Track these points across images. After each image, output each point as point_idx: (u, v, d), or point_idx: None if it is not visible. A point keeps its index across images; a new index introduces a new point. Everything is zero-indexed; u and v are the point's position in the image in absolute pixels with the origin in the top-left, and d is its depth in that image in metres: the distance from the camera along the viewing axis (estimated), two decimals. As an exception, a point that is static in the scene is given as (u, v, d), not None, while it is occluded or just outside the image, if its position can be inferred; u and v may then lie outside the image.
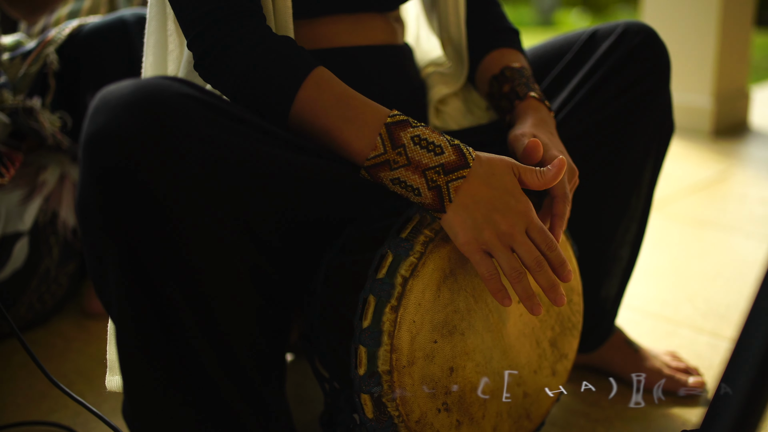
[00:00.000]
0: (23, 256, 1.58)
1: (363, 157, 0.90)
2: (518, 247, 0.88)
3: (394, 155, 0.89)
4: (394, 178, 0.90)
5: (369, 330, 0.89)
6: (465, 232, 0.88)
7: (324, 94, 0.92)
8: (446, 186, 0.88)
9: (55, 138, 1.58)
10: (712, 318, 1.65)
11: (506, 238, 0.88)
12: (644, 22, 1.19)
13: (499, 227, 0.88)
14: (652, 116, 1.20)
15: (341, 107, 0.91)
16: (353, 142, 0.91)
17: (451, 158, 0.89)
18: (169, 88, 0.77)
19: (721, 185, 2.66)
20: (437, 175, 0.89)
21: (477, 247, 0.88)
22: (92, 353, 1.54)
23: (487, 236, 0.88)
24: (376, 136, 0.90)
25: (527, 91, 1.08)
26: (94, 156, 0.74)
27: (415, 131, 0.90)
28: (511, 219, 0.89)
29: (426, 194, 0.89)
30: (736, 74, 3.52)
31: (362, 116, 0.91)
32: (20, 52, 1.68)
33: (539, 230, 0.90)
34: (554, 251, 0.90)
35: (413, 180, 0.89)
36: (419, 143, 0.90)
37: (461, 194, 0.88)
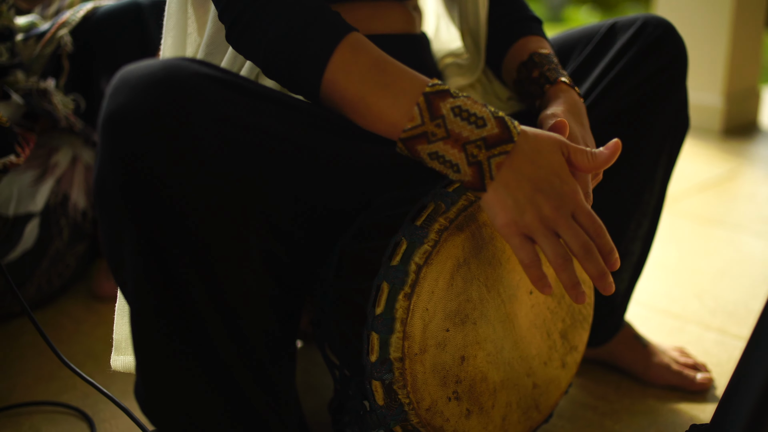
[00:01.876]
0: (34, 237, 1.59)
1: (399, 128, 0.86)
2: (564, 232, 0.83)
3: (432, 127, 0.85)
4: (432, 152, 0.85)
5: (382, 317, 0.90)
6: (505, 213, 0.83)
7: (360, 57, 0.88)
8: (488, 162, 0.84)
9: (68, 120, 1.59)
10: (720, 315, 1.65)
11: (550, 222, 0.83)
12: (663, 17, 1.19)
13: (542, 210, 0.83)
14: (668, 111, 1.20)
15: (378, 72, 0.87)
16: (389, 110, 0.86)
17: (494, 131, 0.84)
18: (189, 68, 0.77)
19: (730, 184, 2.66)
20: (478, 150, 0.84)
21: (517, 231, 0.83)
22: (101, 335, 1.55)
23: (528, 219, 0.83)
24: (413, 105, 0.85)
25: (557, 76, 1.07)
26: (113, 135, 0.74)
27: (456, 101, 0.85)
28: (557, 201, 0.84)
29: (465, 170, 0.84)
30: (748, 74, 3.51)
31: (399, 83, 0.87)
32: (34, 34, 1.68)
33: (587, 215, 0.85)
34: (603, 237, 0.85)
35: (452, 154, 0.84)
36: (459, 114, 0.84)
37: (504, 172, 0.84)
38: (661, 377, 1.35)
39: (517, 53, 1.15)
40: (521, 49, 1.14)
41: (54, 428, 1.25)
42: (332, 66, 0.87)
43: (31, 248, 1.59)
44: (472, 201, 0.92)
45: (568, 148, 0.88)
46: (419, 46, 1.18)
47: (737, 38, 3.34)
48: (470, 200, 0.92)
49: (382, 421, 0.93)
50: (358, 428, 1.00)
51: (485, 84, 1.23)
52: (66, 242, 1.66)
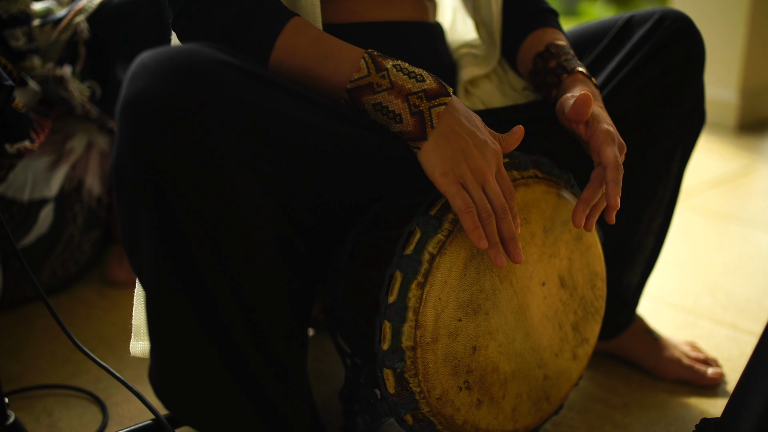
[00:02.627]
0: (48, 222, 1.60)
1: (345, 78, 0.90)
2: (488, 189, 0.88)
3: (377, 78, 0.89)
4: (376, 103, 0.89)
5: (394, 305, 0.90)
6: (443, 163, 0.87)
7: (301, 38, 0.92)
8: (428, 111, 0.88)
9: (83, 107, 1.59)
10: (732, 310, 1.64)
11: (479, 176, 0.88)
12: (680, 11, 1.19)
13: (475, 162, 0.88)
14: (684, 105, 1.20)
15: (318, 47, 0.91)
16: (332, 75, 0.91)
17: (432, 86, 0.89)
18: (208, 54, 0.77)
19: (743, 180, 2.65)
20: (420, 101, 0.89)
21: (454, 179, 0.87)
22: (114, 321, 1.56)
23: (463, 169, 0.87)
24: (360, 59, 0.90)
25: (575, 66, 1.07)
26: (132, 120, 0.75)
27: (395, 61, 0.91)
28: (487, 157, 0.89)
29: (408, 120, 0.89)
30: (763, 70, 3.49)
31: (340, 53, 0.91)
32: (50, 20, 1.68)
33: (504, 177, 0.91)
34: (513, 201, 0.90)
35: (396, 105, 0.89)
36: (401, 70, 0.90)
37: (442, 123, 0.88)
38: (672, 371, 1.35)
39: (533, 44, 1.15)
40: (537, 41, 1.14)
41: (66, 411, 1.26)
42: (277, 50, 0.91)
43: (45, 233, 1.60)
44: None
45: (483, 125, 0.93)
46: (431, 34, 1.17)
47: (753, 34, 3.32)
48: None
49: (393, 409, 0.94)
50: (368, 416, 1.01)
51: (500, 75, 1.23)
52: (80, 228, 1.66)
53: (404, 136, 0.89)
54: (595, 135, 0.98)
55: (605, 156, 0.96)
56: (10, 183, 1.53)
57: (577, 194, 1.07)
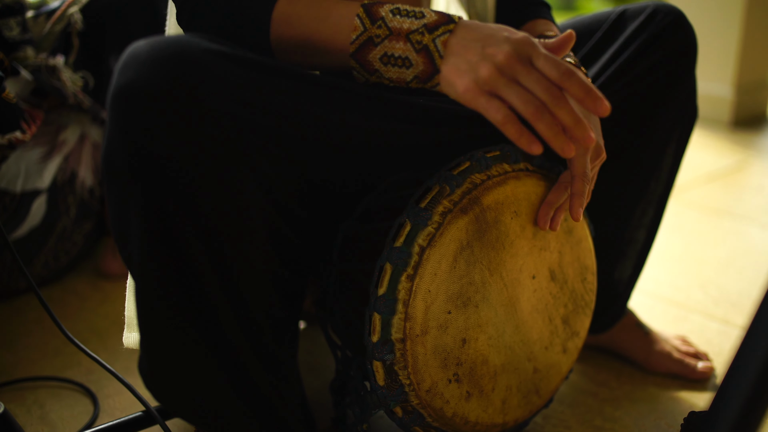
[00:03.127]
0: (41, 214, 1.60)
1: (346, 43, 0.87)
2: (525, 79, 0.78)
3: (374, 29, 0.85)
4: (382, 55, 0.86)
5: (384, 298, 0.90)
6: (461, 78, 0.81)
7: (296, 5, 0.89)
8: (433, 43, 0.83)
9: (76, 97, 1.59)
10: (724, 305, 1.65)
11: (508, 70, 0.79)
12: (673, 5, 1.19)
13: (496, 59, 0.79)
14: (676, 99, 1.20)
15: (313, 10, 0.89)
16: (333, 37, 0.87)
17: (432, 18, 0.84)
18: (199, 44, 0.77)
19: (738, 175, 2.65)
20: (421, 36, 0.84)
21: (479, 90, 0.80)
22: (106, 313, 1.56)
23: (484, 73, 0.79)
24: (354, 18, 0.86)
25: (565, 58, 1.07)
26: (122, 109, 0.75)
27: (393, 5, 0.86)
28: (509, 48, 0.79)
29: (416, 59, 0.84)
30: (758, 65, 3.49)
31: (336, 12, 0.88)
32: (44, 11, 1.68)
33: (546, 58, 0.79)
34: (573, 77, 0.77)
35: (399, 49, 0.84)
36: (398, 13, 0.85)
37: (450, 46, 0.82)
38: (663, 365, 1.36)
39: None
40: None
41: (58, 403, 1.26)
42: (274, 23, 0.89)
43: (38, 225, 1.59)
44: (477, 184, 0.93)
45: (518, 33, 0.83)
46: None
47: (749, 29, 3.32)
48: (475, 183, 0.93)
49: (383, 401, 0.94)
50: (359, 408, 1.01)
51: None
52: (73, 220, 1.66)
53: (420, 79, 0.85)
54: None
55: (573, 166, 0.93)
56: (3, 174, 1.53)
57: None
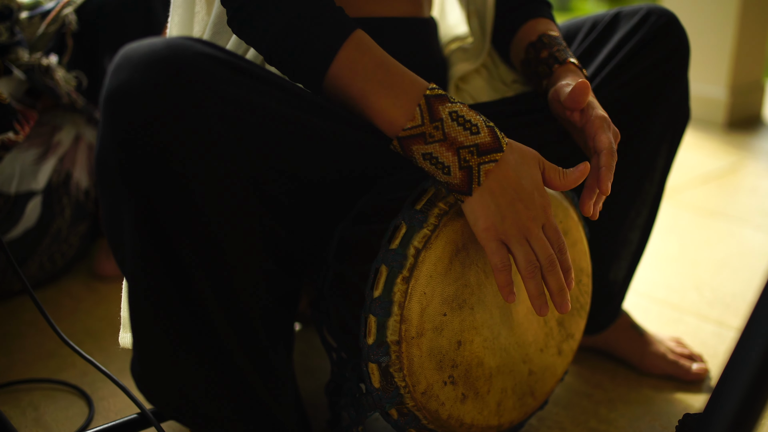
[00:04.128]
0: (36, 215, 1.59)
1: (398, 126, 0.88)
2: (535, 242, 0.87)
3: (431, 128, 0.87)
4: (427, 153, 0.88)
5: (380, 300, 0.90)
6: (487, 218, 0.86)
7: (365, 56, 0.89)
8: (477, 168, 0.87)
9: (70, 97, 1.59)
10: (718, 307, 1.65)
11: (525, 231, 0.87)
12: (667, 8, 1.19)
13: (520, 218, 0.87)
14: (669, 101, 1.20)
15: (381, 72, 0.89)
16: (389, 109, 0.88)
17: (486, 139, 0.87)
18: (192, 47, 0.77)
19: (732, 177, 2.66)
20: (470, 155, 0.87)
21: (495, 236, 0.87)
22: (101, 314, 1.55)
23: (508, 225, 0.86)
24: (415, 106, 0.88)
25: (566, 57, 1.07)
26: (114, 111, 0.74)
27: (453, 107, 0.88)
28: (534, 212, 0.87)
29: (456, 174, 0.87)
30: (753, 67, 3.50)
31: (401, 84, 0.89)
32: (39, 12, 1.68)
33: (555, 230, 0.89)
34: (565, 254, 0.90)
35: (446, 157, 0.87)
36: (456, 119, 0.88)
37: (491, 178, 0.87)
38: (657, 366, 1.36)
39: (526, 34, 1.15)
40: (530, 30, 1.14)
41: (52, 405, 1.26)
42: (337, 63, 0.89)
43: (32, 226, 1.59)
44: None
45: (543, 164, 0.91)
46: (426, 30, 1.17)
47: (743, 31, 3.33)
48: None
49: (378, 403, 0.94)
50: (354, 410, 1.01)
51: (490, 68, 1.23)
52: (68, 221, 1.66)
53: (449, 187, 0.88)
54: (591, 121, 0.97)
55: (600, 141, 0.96)
56: (-3, 176, 1.53)
57: (565, 190, 1.07)
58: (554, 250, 0.89)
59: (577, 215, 1.08)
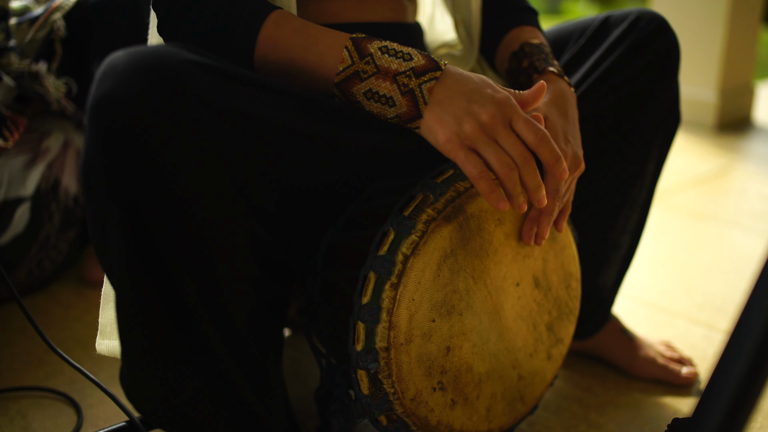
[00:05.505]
0: (24, 222, 1.59)
1: (331, 73, 0.89)
2: (503, 141, 0.85)
3: (362, 65, 0.88)
4: (366, 91, 0.88)
5: (368, 306, 0.90)
6: (444, 129, 0.85)
7: (283, 30, 0.91)
8: (419, 88, 0.86)
9: (59, 103, 1.58)
10: (708, 310, 1.65)
11: (489, 130, 0.84)
12: (657, 12, 1.19)
13: (479, 117, 0.84)
14: (659, 105, 1.20)
15: (301, 37, 0.90)
16: (318, 65, 0.90)
17: (420, 62, 0.87)
18: (177, 54, 0.77)
19: (722, 179, 2.66)
20: (408, 79, 0.86)
21: (459, 144, 0.85)
22: (90, 321, 1.55)
23: (468, 129, 0.84)
24: (342, 50, 0.89)
25: (546, 66, 1.07)
26: (100, 120, 0.74)
27: (381, 43, 0.89)
28: (493, 108, 0.85)
29: (400, 101, 0.87)
30: (742, 69, 3.51)
31: (323, 41, 0.90)
32: (28, 18, 1.67)
33: (525, 121, 0.85)
34: (547, 144, 0.86)
35: (385, 88, 0.87)
36: (387, 52, 0.88)
37: (436, 93, 0.86)
38: (647, 371, 1.36)
39: (509, 43, 1.15)
40: (513, 39, 1.14)
41: (41, 413, 1.25)
42: (260, 44, 0.91)
43: (21, 233, 1.59)
44: (461, 192, 0.93)
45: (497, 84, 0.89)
46: (410, 35, 1.17)
47: (733, 34, 3.34)
48: (459, 191, 0.93)
49: (367, 410, 0.94)
50: (343, 417, 1.01)
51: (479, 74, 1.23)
52: (57, 227, 1.65)
53: (401, 119, 0.87)
54: None
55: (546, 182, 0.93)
56: (-15, 182, 1.52)
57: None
58: (532, 143, 0.85)
59: (565, 220, 1.08)
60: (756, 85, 3.78)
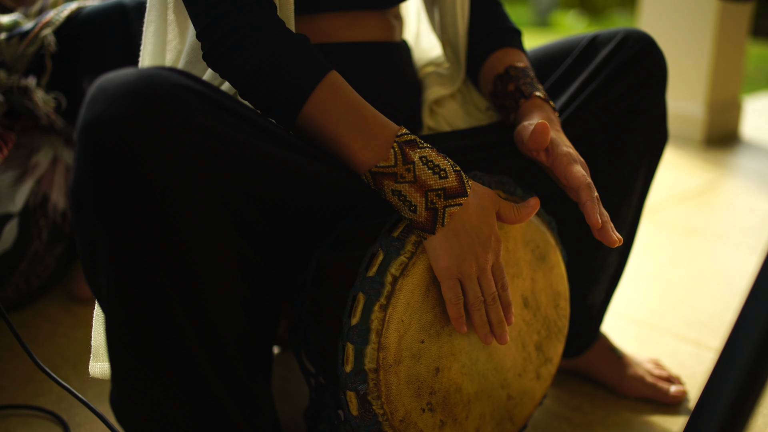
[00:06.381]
0: (12, 238, 1.58)
1: (369, 165, 0.92)
2: (483, 281, 0.93)
3: (403, 170, 0.91)
4: (396, 190, 0.91)
5: (357, 327, 0.90)
6: (449, 258, 0.90)
7: (338, 98, 0.92)
8: (443, 210, 0.90)
9: (48, 118, 1.58)
10: (696, 327, 1.66)
11: (479, 272, 0.93)
12: (644, 31, 1.20)
13: (478, 260, 0.92)
14: (646, 124, 1.21)
15: (353, 115, 0.92)
16: (361, 151, 0.92)
17: (453, 184, 0.91)
18: (168, 78, 0.77)
19: (710, 194, 2.68)
20: (437, 198, 0.90)
21: (454, 274, 0.91)
22: (79, 338, 1.54)
23: (466, 267, 0.91)
24: (389, 149, 0.91)
25: (532, 90, 1.08)
26: (90, 142, 0.74)
27: (422, 152, 0.92)
28: (489, 255, 0.93)
29: (422, 213, 0.90)
30: (730, 84, 3.54)
31: (372, 127, 0.92)
32: (17, 32, 1.67)
33: (500, 269, 0.95)
34: (506, 291, 0.96)
35: (414, 197, 0.91)
36: (426, 164, 0.92)
37: (454, 220, 0.91)
38: (635, 389, 1.37)
39: (493, 65, 1.15)
40: (498, 62, 1.15)
41: None
42: (311, 104, 0.92)
43: (9, 249, 1.58)
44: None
45: (499, 203, 0.96)
46: (398, 54, 1.18)
47: (720, 48, 3.37)
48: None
49: (357, 431, 0.93)
50: (332, 437, 1.01)
51: (465, 94, 1.24)
52: (45, 243, 1.65)
53: (414, 223, 0.91)
54: (558, 159, 0.99)
55: (573, 177, 0.97)
56: (-26, 198, 1.52)
57: (541, 214, 1.08)
58: (498, 288, 0.95)
59: (554, 239, 1.08)
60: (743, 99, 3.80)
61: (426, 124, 1.22)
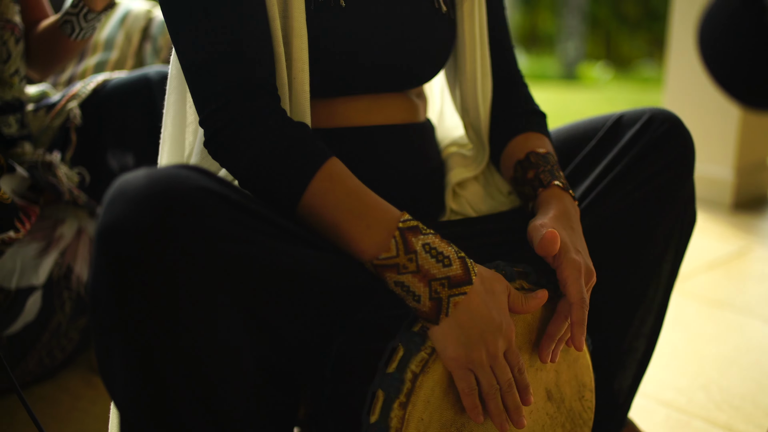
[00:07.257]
0: (35, 310, 1.58)
1: (371, 255, 0.90)
2: (497, 368, 0.91)
3: (405, 260, 0.89)
4: (399, 281, 0.90)
5: (376, 426, 0.88)
6: (456, 348, 0.88)
7: (337, 186, 0.92)
8: (447, 300, 0.89)
9: (72, 194, 1.59)
10: (726, 409, 1.62)
11: (492, 360, 0.90)
12: (670, 111, 1.18)
13: (489, 349, 0.90)
14: (674, 206, 1.18)
15: (353, 202, 0.91)
16: (362, 238, 0.90)
17: (457, 272, 0.90)
18: (186, 181, 0.77)
19: (740, 262, 2.63)
20: (441, 287, 0.89)
21: (464, 364, 0.89)
22: (98, 414, 1.53)
23: (476, 356, 0.89)
24: (390, 238, 0.90)
25: (551, 179, 1.07)
26: (108, 247, 0.74)
27: (425, 239, 0.91)
28: (500, 342, 0.91)
29: (425, 303, 0.89)
30: (759, 147, 3.51)
31: (373, 214, 0.91)
32: (44, 104, 1.69)
33: (515, 354, 0.93)
34: (523, 374, 0.93)
35: (417, 287, 0.89)
36: (429, 252, 0.90)
37: (459, 309, 0.89)
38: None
39: (514, 150, 1.14)
40: (519, 147, 1.14)
41: None
42: (309, 193, 0.91)
43: (32, 321, 1.58)
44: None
45: (509, 290, 0.94)
46: (421, 135, 1.16)
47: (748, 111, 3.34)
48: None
49: None
50: None
51: (488, 176, 1.22)
52: (68, 315, 1.65)
53: (417, 313, 0.90)
54: (562, 266, 0.99)
55: (570, 293, 0.97)
56: (-2, 271, 1.52)
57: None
58: (514, 372, 0.93)
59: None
60: (773, 161, 3.77)
61: (449, 207, 1.20)
